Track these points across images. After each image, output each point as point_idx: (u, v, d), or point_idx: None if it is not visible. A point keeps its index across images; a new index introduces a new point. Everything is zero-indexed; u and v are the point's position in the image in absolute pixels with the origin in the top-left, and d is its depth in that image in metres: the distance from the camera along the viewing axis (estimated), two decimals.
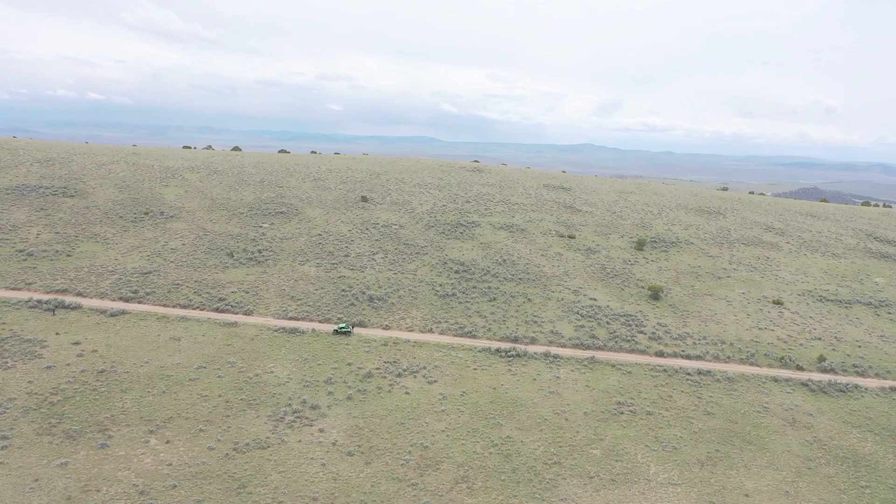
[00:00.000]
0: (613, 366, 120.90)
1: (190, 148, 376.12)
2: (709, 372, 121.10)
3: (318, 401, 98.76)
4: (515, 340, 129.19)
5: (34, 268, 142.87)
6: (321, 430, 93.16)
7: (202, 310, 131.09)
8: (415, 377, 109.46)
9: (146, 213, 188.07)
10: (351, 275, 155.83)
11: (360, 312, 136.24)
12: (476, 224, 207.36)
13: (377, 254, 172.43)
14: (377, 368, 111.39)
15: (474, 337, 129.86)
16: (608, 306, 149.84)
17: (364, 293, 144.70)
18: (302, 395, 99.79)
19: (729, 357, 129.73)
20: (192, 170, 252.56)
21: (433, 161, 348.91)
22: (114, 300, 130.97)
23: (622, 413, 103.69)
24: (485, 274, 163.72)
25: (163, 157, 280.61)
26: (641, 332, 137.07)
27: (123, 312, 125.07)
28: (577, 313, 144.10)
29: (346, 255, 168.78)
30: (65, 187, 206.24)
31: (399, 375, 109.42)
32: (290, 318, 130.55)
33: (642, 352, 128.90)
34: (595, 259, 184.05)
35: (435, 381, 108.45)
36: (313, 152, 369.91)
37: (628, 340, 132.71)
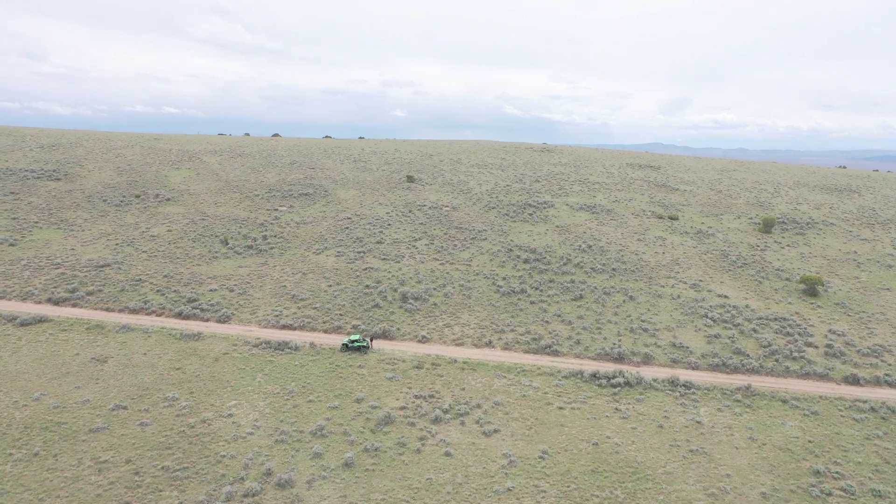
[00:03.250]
0: (784, 401, 74.84)
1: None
2: None
3: (293, 471, 56.79)
4: (620, 359, 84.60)
5: None
6: None
7: (160, 315, 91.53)
8: (462, 424, 66.41)
9: (137, 196, 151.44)
10: (381, 266, 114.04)
11: (388, 317, 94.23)
12: (549, 204, 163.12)
13: (420, 240, 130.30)
14: (402, 408, 68.89)
15: (556, 353, 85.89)
16: (747, 306, 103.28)
17: (396, 290, 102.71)
18: (267, 461, 58.05)
19: None
20: (214, 153, 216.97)
21: (495, 143, 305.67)
22: (39, 302, 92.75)
23: (829, 494, 57.88)
24: (564, 263, 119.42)
25: (186, 142, 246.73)
26: (811, 346, 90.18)
27: (41, 320, 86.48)
28: (705, 317, 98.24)
29: (378, 242, 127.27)
30: (54, 170, 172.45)
31: (437, 421, 66.55)
32: (283, 327, 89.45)
33: (822, 376, 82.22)
34: (710, 244, 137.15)
35: (496, 431, 65.14)
36: (361, 138, 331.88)
37: (795, 358, 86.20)
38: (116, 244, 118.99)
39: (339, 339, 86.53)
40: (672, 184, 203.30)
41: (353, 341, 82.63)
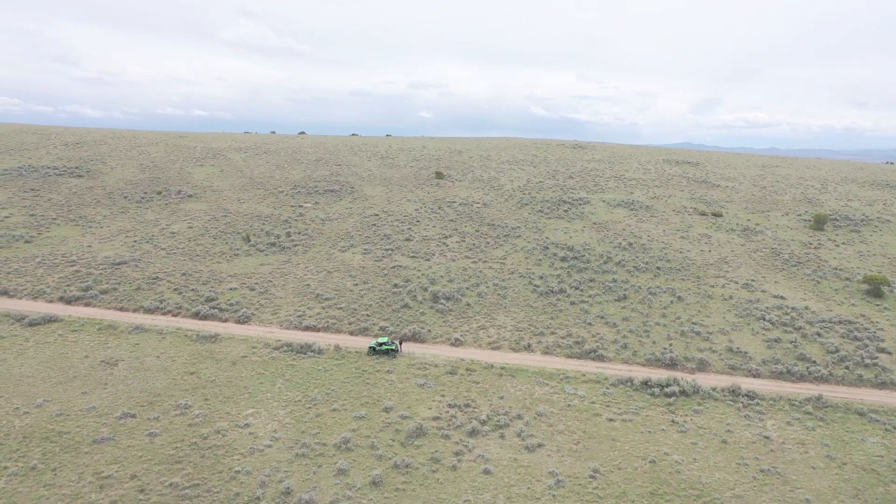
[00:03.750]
0: (861, 413, 66.99)
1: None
2: None
3: (314, 490, 50.61)
4: (672, 365, 77.25)
5: None
6: None
7: (176, 315, 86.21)
8: (502, 437, 59.71)
9: (158, 193, 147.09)
10: (411, 264, 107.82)
11: (418, 318, 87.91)
12: (584, 201, 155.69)
13: (450, 237, 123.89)
14: (435, 419, 62.41)
15: (601, 358, 78.83)
16: (807, 308, 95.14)
17: (426, 289, 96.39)
18: (286, 478, 51.94)
19: None
20: (239, 150, 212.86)
21: (525, 140, 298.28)
22: (50, 301, 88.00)
23: None
24: (605, 262, 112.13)
25: (211, 139, 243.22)
26: (883, 351, 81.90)
27: (51, 320, 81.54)
28: (762, 319, 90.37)
29: (407, 240, 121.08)
30: (76, 167, 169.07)
31: (474, 434, 59.94)
32: (306, 328, 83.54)
33: None
34: (759, 241, 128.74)
35: (540, 446, 58.35)
36: (388, 136, 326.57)
37: (867, 366, 78.07)
38: (135, 241, 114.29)
39: (365, 342, 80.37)
40: (712, 180, 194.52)
41: (380, 344, 76.39)
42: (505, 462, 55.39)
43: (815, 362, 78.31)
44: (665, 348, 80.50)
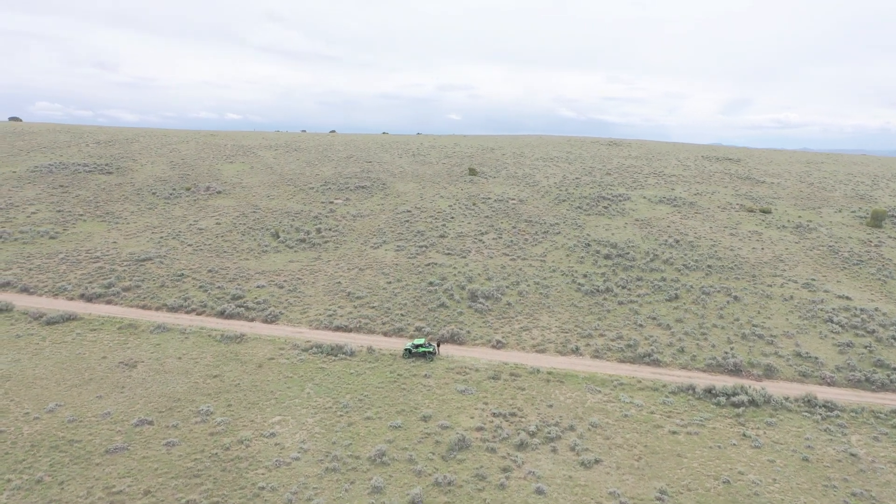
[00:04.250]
0: None
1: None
2: None
3: None
4: (736, 371, 70.47)
5: None
6: None
7: (200, 314, 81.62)
8: (554, 451, 53.65)
9: (187, 189, 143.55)
10: (446, 262, 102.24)
11: (456, 318, 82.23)
12: (624, 197, 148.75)
13: (487, 234, 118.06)
14: (478, 429, 56.61)
15: (656, 363, 72.30)
16: (877, 310, 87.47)
17: (464, 288, 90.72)
18: (316, 496, 46.52)
19: None
20: (269, 148, 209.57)
21: (559, 137, 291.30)
22: (71, 298, 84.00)
23: None
24: (651, 260, 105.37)
25: (242, 138, 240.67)
26: None
27: (70, 318, 77.36)
28: (830, 321, 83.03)
29: (441, 236, 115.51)
30: (107, 164, 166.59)
31: (522, 447, 53.98)
32: (337, 329, 78.29)
33: None
34: (814, 239, 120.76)
35: (597, 462, 52.20)
36: (418, 134, 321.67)
37: None
38: (161, 237, 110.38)
39: (400, 344, 74.90)
40: (756, 176, 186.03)
41: (417, 346, 70.82)
42: (559, 480, 49.36)
43: (895, 369, 70.98)
44: (726, 352, 73.70)
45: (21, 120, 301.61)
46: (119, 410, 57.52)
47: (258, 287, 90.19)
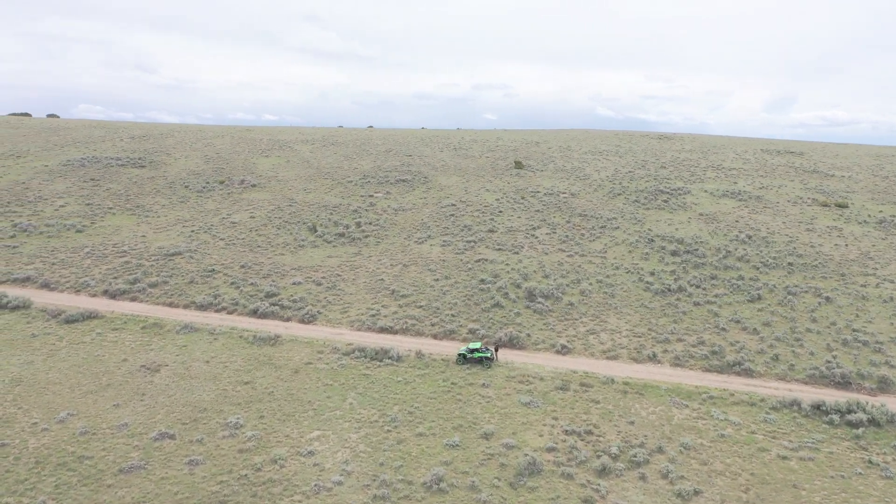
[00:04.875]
0: None
1: None
2: None
3: None
4: (844, 383, 60.69)
5: (14, 247, 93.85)
6: None
7: (231, 312, 74.51)
8: (643, 478, 44.89)
9: (221, 183, 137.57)
10: (497, 258, 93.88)
11: (513, 320, 73.76)
12: (684, 191, 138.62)
13: (539, 228, 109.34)
14: (550, 450, 48.09)
15: (748, 373, 62.84)
16: None
17: (519, 286, 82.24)
18: None
19: None
20: (306, 142, 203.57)
21: (605, 131, 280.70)
22: (93, 295, 77.63)
23: None
24: (724, 256, 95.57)
25: (278, 133, 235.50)
26: None
27: (91, 316, 70.79)
28: None
29: (490, 231, 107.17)
30: (140, 158, 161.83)
31: (604, 473, 45.33)
32: (381, 330, 70.41)
33: None
34: None
35: (696, 493, 43.31)
36: (458, 128, 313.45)
37: None
38: (192, 231, 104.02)
39: (452, 347, 66.75)
40: (823, 170, 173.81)
41: (472, 351, 62.55)
42: None
43: None
44: (829, 361, 63.95)
45: (58, 117, 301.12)
46: (137, 421, 50.36)
47: (294, 284, 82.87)
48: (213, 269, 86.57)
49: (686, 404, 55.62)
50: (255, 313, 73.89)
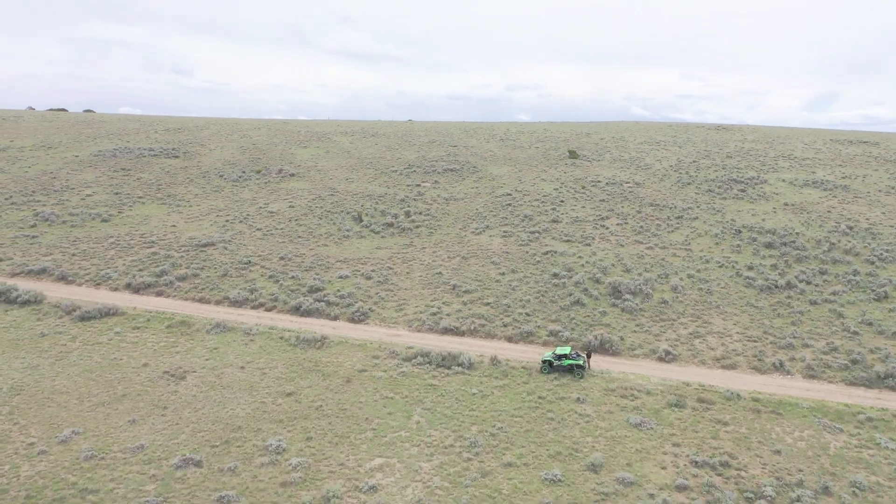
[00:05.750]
0: None
1: None
2: None
3: None
4: None
5: (33, 237, 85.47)
6: None
7: (270, 309, 64.58)
8: None
9: (257, 172, 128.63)
10: (566, 249, 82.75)
11: (599, 320, 62.54)
12: (760, 180, 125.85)
13: (607, 218, 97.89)
14: (681, 488, 36.91)
15: None
16: None
17: (598, 281, 70.98)
18: None
19: None
20: (345, 133, 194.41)
21: (658, 123, 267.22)
22: (115, 289, 68.43)
23: None
24: (828, 249, 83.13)
25: (315, 125, 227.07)
26: None
27: (109, 313, 61.41)
28: None
29: (553, 221, 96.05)
30: (173, 149, 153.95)
31: None
32: (445, 331, 59.77)
33: None
34: None
35: None
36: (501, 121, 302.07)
37: None
38: (227, 220, 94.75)
39: (532, 352, 55.87)
40: None
41: (560, 357, 51.58)
42: None
43: None
44: None
45: (94, 111, 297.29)
46: (156, 442, 40.48)
47: (341, 278, 72.73)
48: (249, 261, 76.86)
49: (840, 428, 43.96)
50: (297, 310, 63.84)
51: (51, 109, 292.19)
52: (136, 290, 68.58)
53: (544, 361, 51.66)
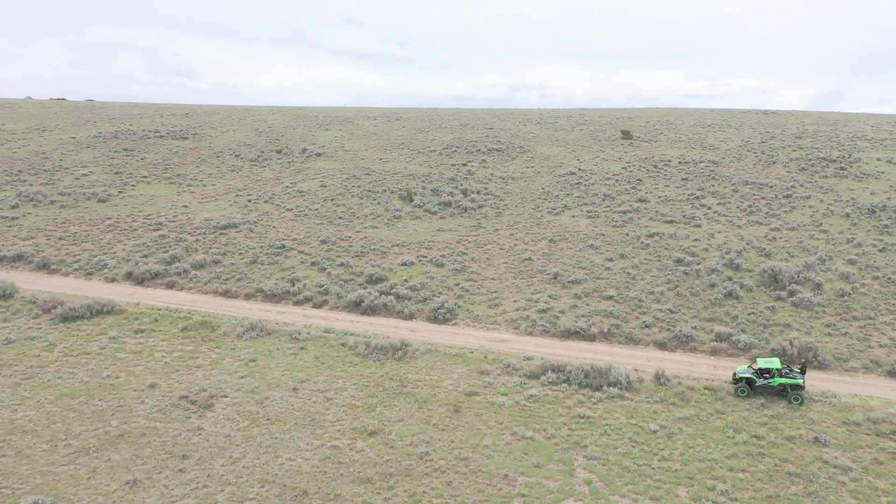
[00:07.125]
0: None
1: None
2: None
3: None
4: None
5: (13, 219, 69.30)
6: None
7: (319, 305, 48.18)
8: None
9: (278, 152, 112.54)
10: (673, 230, 66.30)
11: (770, 318, 45.92)
12: (853, 159, 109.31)
13: (702, 198, 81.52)
14: None
15: None
16: None
17: (737, 267, 54.44)
18: None
19: None
20: (367, 118, 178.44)
21: (700, 108, 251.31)
22: (111, 280, 52.18)
23: None
24: None
25: (334, 111, 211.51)
26: None
27: (103, 311, 45.00)
28: None
29: (640, 201, 79.68)
30: (182, 131, 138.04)
31: None
32: (566, 334, 43.30)
33: None
34: None
35: None
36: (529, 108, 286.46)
37: None
38: (249, 200, 78.53)
39: (699, 363, 39.43)
40: None
41: (763, 373, 35.10)
42: None
43: None
44: None
45: (94, 101, 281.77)
46: None
47: (404, 265, 56.33)
48: (283, 245, 60.48)
49: None
50: (357, 306, 47.39)
51: (50, 99, 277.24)
52: (140, 280, 52.21)
53: (738, 378, 35.21)
